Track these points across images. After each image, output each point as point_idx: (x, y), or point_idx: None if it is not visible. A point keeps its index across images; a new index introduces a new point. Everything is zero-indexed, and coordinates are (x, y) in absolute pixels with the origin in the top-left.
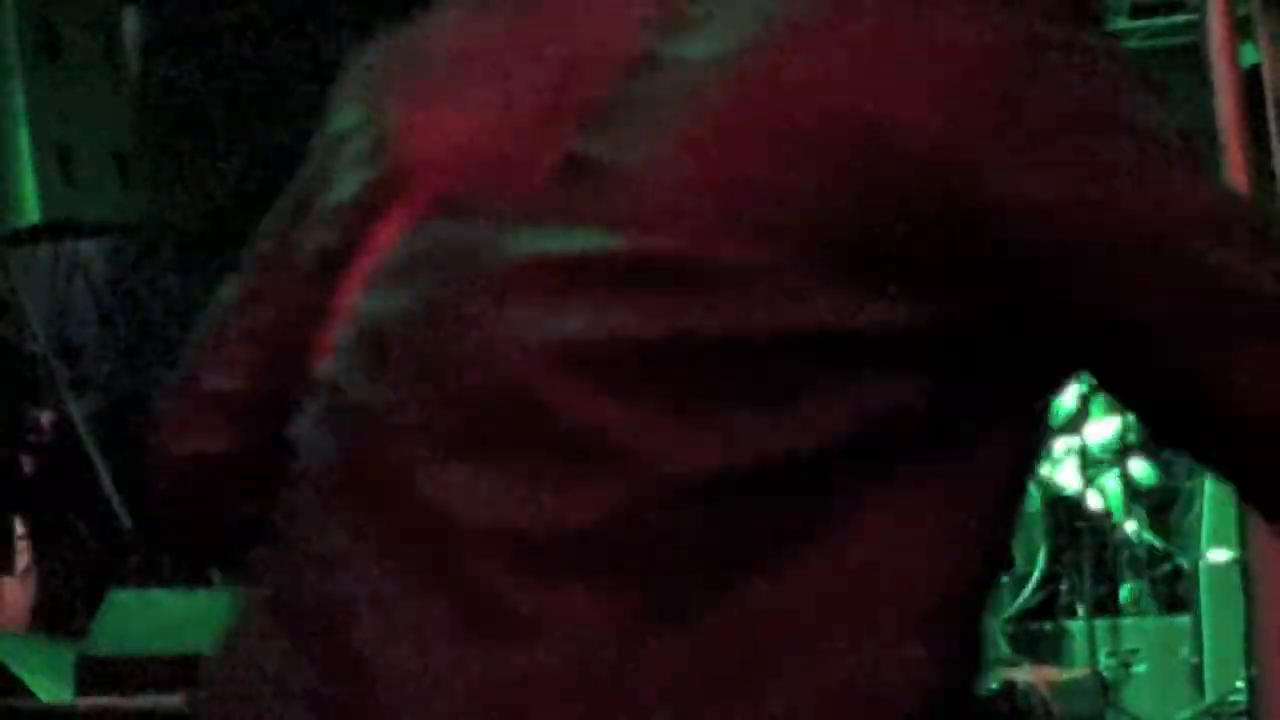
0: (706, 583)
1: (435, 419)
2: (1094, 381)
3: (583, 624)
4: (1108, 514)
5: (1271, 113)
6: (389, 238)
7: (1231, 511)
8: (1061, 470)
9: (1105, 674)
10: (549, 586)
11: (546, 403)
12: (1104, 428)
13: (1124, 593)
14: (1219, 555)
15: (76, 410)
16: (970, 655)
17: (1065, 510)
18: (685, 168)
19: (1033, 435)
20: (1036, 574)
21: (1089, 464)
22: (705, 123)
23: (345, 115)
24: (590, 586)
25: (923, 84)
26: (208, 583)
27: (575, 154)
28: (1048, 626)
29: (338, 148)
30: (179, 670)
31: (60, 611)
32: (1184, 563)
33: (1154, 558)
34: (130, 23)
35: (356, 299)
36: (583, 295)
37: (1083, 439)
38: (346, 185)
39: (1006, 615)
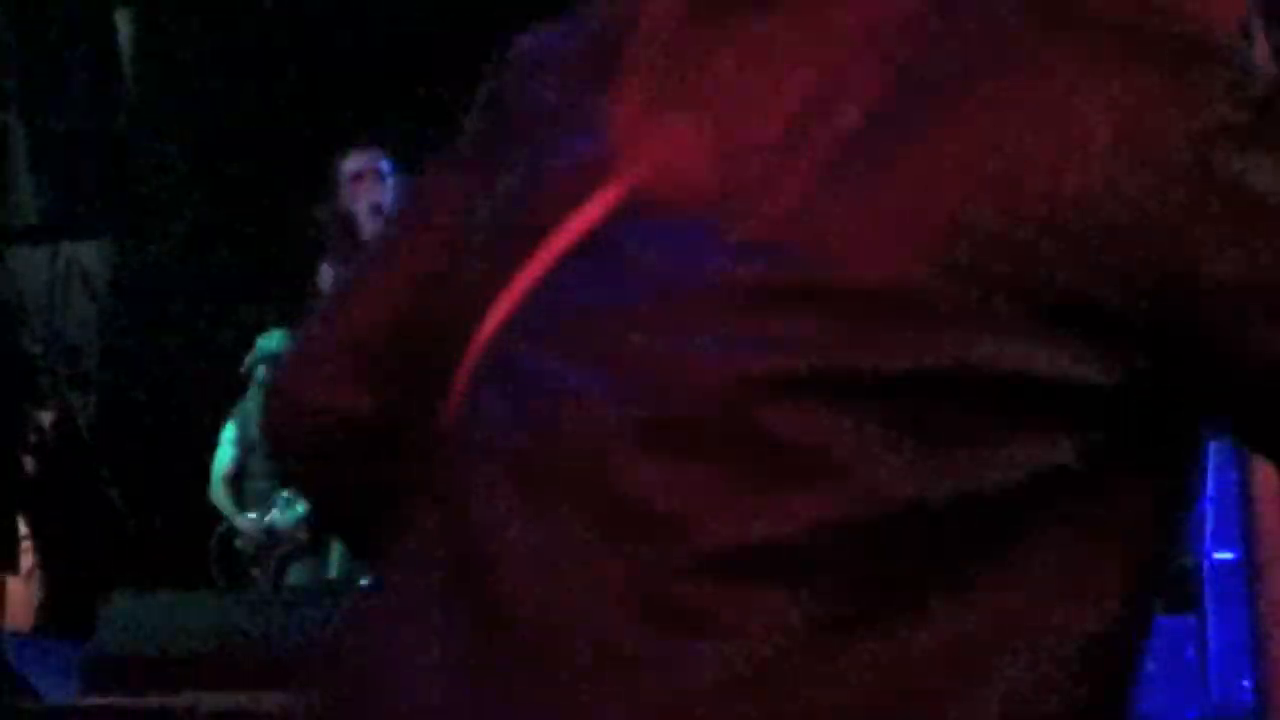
0: (892, 604)
1: (638, 414)
2: None
3: (775, 631)
4: None
5: None
6: (587, 224)
7: (1235, 512)
8: None
9: None
10: (746, 590)
11: (759, 417)
12: None
13: None
14: (1223, 555)
15: (77, 410)
16: (1124, 694)
17: None
18: (909, 208)
19: (1188, 483)
20: None
21: None
22: (933, 170)
23: (537, 93)
24: (786, 595)
25: (1139, 160)
26: (210, 583)
27: (811, 191)
28: None
29: (529, 125)
30: (183, 670)
31: (64, 611)
32: (1187, 562)
33: None
34: (124, 24)
35: (543, 278)
36: (798, 317)
37: None
38: (541, 165)
39: None
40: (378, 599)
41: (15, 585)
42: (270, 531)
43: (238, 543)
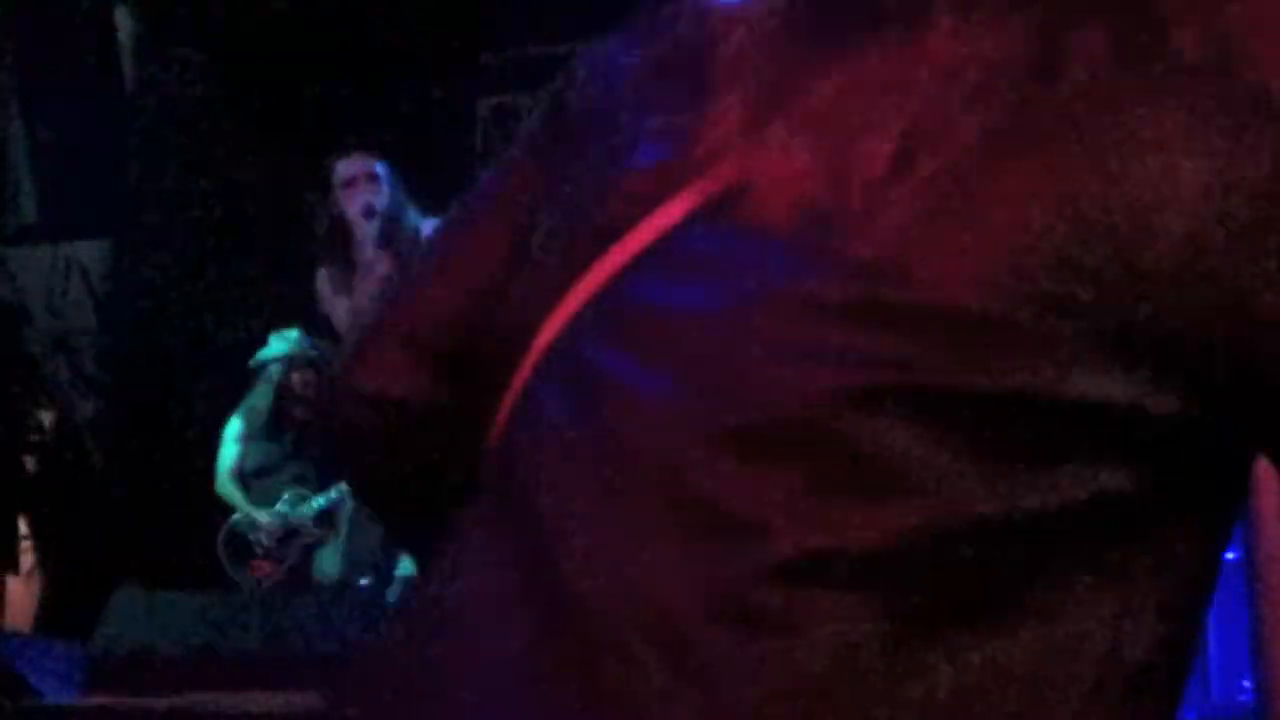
0: (958, 619)
1: (717, 418)
2: None
3: (846, 639)
4: None
5: None
6: (664, 226)
7: None
8: None
9: None
10: (818, 597)
11: (842, 429)
12: None
13: None
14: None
15: (77, 410)
16: (1171, 711)
17: None
18: (999, 238)
19: (1234, 516)
20: None
21: None
22: (1023, 204)
23: (602, 102)
24: (858, 604)
25: (1221, 208)
26: (212, 582)
27: (910, 217)
28: None
29: (594, 132)
30: (184, 670)
31: (65, 611)
32: None
33: None
34: (124, 21)
35: (613, 278)
36: (887, 335)
37: None
38: (612, 169)
39: None
40: (438, 596)
41: (15, 585)
42: (287, 527)
43: (251, 537)
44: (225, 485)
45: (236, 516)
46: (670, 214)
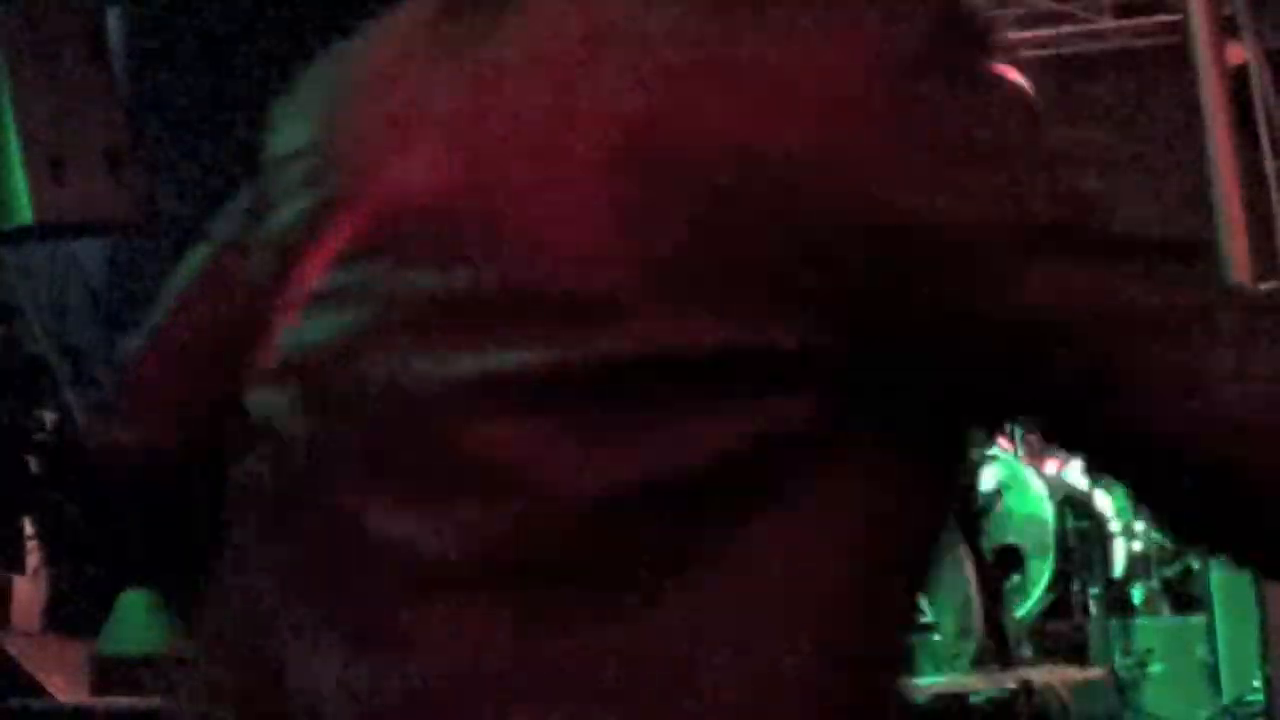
0: (595, 599)
1: (353, 449)
2: None
3: (465, 637)
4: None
5: (1260, 115)
6: (317, 269)
7: None
8: (1070, 470)
9: (1121, 674)
10: (437, 602)
11: (447, 434)
12: None
13: (1136, 594)
14: None
15: (80, 410)
16: (880, 667)
17: (1074, 509)
18: (560, 201)
19: (948, 457)
20: (1047, 574)
21: None
22: (577, 157)
23: (291, 134)
24: (478, 602)
25: (801, 106)
26: None
27: (541, 207)
28: (1064, 626)
29: (284, 167)
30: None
31: (71, 611)
32: (1194, 562)
33: (1164, 557)
34: (115, 22)
35: (282, 327)
36: (473, 330)
37: None
38: (289, 208)
39: (1022, 615)
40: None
41: (22, 585)
42: None
43: None
44: None
45: None
46: (321, 258)
